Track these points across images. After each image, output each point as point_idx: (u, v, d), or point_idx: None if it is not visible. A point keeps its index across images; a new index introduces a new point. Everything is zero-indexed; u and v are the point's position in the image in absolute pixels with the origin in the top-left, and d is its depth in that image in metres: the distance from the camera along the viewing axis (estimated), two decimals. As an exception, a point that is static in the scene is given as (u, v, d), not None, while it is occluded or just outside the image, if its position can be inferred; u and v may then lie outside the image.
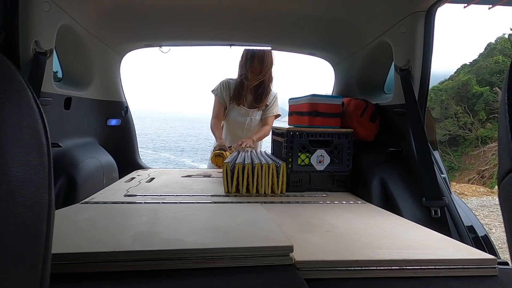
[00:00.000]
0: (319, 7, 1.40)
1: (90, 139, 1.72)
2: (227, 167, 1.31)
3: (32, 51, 1.14)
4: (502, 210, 0.33)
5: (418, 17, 1.19)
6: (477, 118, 14.72)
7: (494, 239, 2.50)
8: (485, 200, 7.67)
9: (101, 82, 1.77)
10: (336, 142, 1.42)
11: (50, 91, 1.28)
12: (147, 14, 1.48)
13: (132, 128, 2.10)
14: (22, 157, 0.30)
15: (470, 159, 14.16)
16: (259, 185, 1.32)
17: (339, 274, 0.66)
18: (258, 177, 1.32)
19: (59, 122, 1.41)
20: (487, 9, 6.34)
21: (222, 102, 2.15)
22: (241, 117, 2.15)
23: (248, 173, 1.31)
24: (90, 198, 1.17)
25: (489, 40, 18.98)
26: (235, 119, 2.16)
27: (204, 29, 1.67)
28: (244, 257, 0.67)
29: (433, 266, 0.68)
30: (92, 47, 1.61)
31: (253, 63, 2.01)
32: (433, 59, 1.21)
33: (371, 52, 1.59)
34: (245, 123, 2.16)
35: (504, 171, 0.32)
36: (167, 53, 1.94)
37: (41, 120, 0.33)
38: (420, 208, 1.13)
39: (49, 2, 1.17)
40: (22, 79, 0.32)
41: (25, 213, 0.29)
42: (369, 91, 1.71)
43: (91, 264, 0.62)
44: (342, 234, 0.85)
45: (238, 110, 2.14)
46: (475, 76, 15.72)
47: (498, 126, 0.33)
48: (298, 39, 1.82)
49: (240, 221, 0.88)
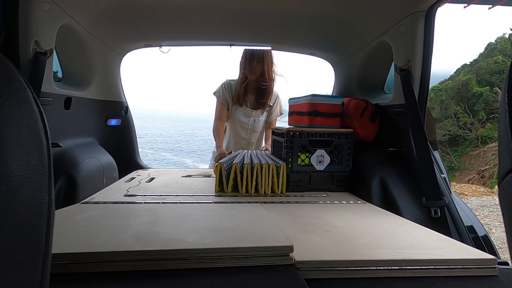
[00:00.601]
0: (319, 7, 1.40)
1: (90, 139, 1.72)
2: (221, 167, 1.31)
3: (32, 51, 1.14)
4: (502, 210, 0.33)
5: (418, 17, 1.19)
6: (477, 118, 14.71)
7: (494, 239, 2.50)
8: (485, 200, 7.66)
9: (101, 82, 1.77)
10: (336, 142, 1.42)
11: (50, 91, 1.28)
12: (147, 14, 1.48)
13: (132, 128, 2.10)
14: (22, 157, 0.30)
15: (470, 159, 14.15)
16: (259, 185, 1.32)
17: (339, 274, 0.66)
18: (258, 177, 1.32)
19: (59, 122, 1.41)
20: (487, 9, 6.34)
21: (224, 103, 2.13)
22: (244, 118, 2.14)
23: (247, 173, 1.31)
24: (90, 198, 1.17)
25: (489, 40, 19.00)
26: (238, 120, 2.15)
27: (204, 29, 1.67)
28: (244, 257, 0.67)
29: (433, 266, 0.68)
30: (92, 47, 1.61)
31: (253, 63, 2.01)
32: (433, 59, 1.21)
33: (371, 52, 1.59)
34: (248, 124, 2.15)
35: (504, 171, 0.32)
36: (167, 53, 1.94)
37: (41, 120, 0.33)
38: (420, 208, 1.13)
39: (49, 2, 1.17)
40: (22, 79, 0.32)
41: (25, 213, 0.29)
42: (369, 91, 1.71)
43: (91, 264, 0.62)
44: (342, 234, 0.85)
45: (241, 111, 2.13)
46: (475, 76, 15.71)
47: (498, 126, 0.33)
48: (298, 39, 1.82)
49: (240, 221, 0.88)
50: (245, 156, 1.52)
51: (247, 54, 2.03)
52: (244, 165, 1.31)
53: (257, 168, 1.31)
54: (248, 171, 1.31)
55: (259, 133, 2.21)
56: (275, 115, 2.21)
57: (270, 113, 2.19)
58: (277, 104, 2.21)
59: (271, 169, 1.33)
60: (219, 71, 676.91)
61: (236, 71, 2.14)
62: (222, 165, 1.32)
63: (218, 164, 1.32)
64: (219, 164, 1.32)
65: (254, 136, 2.18)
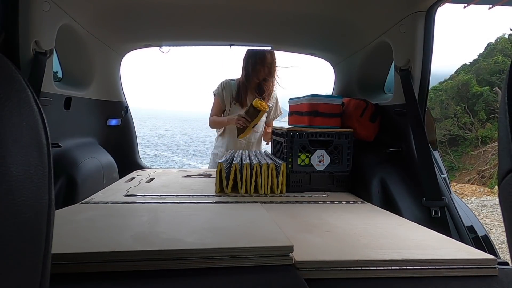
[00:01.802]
0: (319, 7, 1.40)
1: (90, 139, 1.72)
2: (221, 167, 1.31)
3: (32, 51, 1.14)
4: (502, 210, 0.34)
5: (418, 17, 1.19)
6: (477, 118, 14.72)
7: (494, 239, 2.50)
8: (485, 200, 7.67)
9: (101, 82, 1.77)
10: (336, 142, 1.42)
11: (50, 91, 1.28)
12: (147, 14, 1.48)
13: (132, 128, 2.10)
14: (22, 157, 0.30)
15: (470, 159, 14.16)
16: (258, 185, 1.32)
17: (339, 274, 0.66)
18: (257, 177, 1.32)
19: (59, 122, 1.41)
20: (487, 9, 6.34)
21: (222, 102, 2.14)
22: None
23: (247, 173, 1.31)
24: (90, 198, 1.17)
25: (489, 40, 18.99)
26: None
27: (204, 29, 1.67)
28: (244, 257, 0.67)
29: (433, 266, 0.68)
30: (92, 47, 1.61)
31: (256, 63, 2.00)
32: (433, 59, 1.21)
33: (371, 52, 1.59)
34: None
35: (504, 171, 0.32)
36: (167, 53, 1.94)
37: (41, 120, 0.33)
38: (420, 208, 1.13)
39: (49, 2, 1.17)
40: (22, 79, 0.32)
41: (25, 213, 0.29)
42: (369, 91, 1.71)
43: (91, 264, 0.62)
44: (342, 234, 0.85)
45: (240, 112, 2.11)
46: (475, 76, 15.72)
47: (498, 126, 0.33)
48: (298, 39, 1.82)
49: (240, 221, 0.88)
50: (243, 156, 1.52)
51: (254, 56, 2.01)
52: (244, 165, 1.31)
53: (257, 168, 1.31)
54: (248, 171, 1.31)
55: (259, 133, 2.21)
56: (274, 116, 2.21)
57: (269, 114, 2.18)
58: (276, 104, 2.21)
59: (271, 169, 1.33)
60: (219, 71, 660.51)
61: (235, 71, 2.13)
62: (222, 165, 1.32)
63: (219, 165, 1.32)
64: (219, 164, 1.32)
65: (254, 136, 2.17)
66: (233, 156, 1.59)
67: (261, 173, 1.31)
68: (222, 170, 1.31)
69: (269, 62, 2.02)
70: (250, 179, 1.31)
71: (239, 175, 1.31)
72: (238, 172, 1.31)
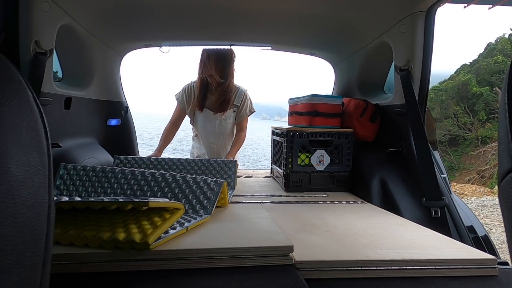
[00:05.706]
0: (320, 7, 1.40)
1: (90, 139, 1.72)
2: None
3: (32, 51, 1.14)
4: (502, 210, 0.34)
5: (418, 17, 1.19)
6: (477, 118, 14.71)
7: (494, 239, 2.50)
8: (485, 200, 7.66)
9: (101, 82, 1.77)
10: (336, 142, 1.42)
11: (50, 91, 1.28)
12: (147, 14, 1.48)
13: (132, 128, 2.10)
14: (22, 157, 0.30)
15: (470, 159, 14.15)
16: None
17: (339, 274, 0.66)
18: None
19: (59, 122, 1.41)
20: (487, 9, 6.34)
21: (182, 108, 1.99)
22: (209, 122, 1.97)
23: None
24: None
25: (489, 40, 18.99)
26: (203, 126, 1.99)
27: (204, 29, 1.67)
28: (244, 257, 0.67)
29: (433, 266, 0.68)
30: (92, 47, 1.61)
31: (215, 62, 1.86)
32: (433, 59, 1.21)
33: (371, 52, 1.59)
34: (214, 127, 1.98)
35: (504, 171, 0.32)
36: (167, 53, 1.94)
37: (41, 120, 0.33)
38: (420, 208, 1.13)
39: (49, 2, 1.17)
40: (22, 79, 0.32)
41: (25, 213, 0.29)
42: (369, 91, 1.71)
43: (91, 264, 0.62)
44: (342, 234, 0.85)
45: (205, 116, 1.97)
46: (475, 76, 15.71)
47: (498, 126, 0.33)
48: (298, 39, 1.82)
49: (240, 221, 0.88)
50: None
51: (209, 53, 1.88)
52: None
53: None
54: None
55: (231, 136, 2.05)
56: (243, 115, 2.01)
57: (238, 113, 2.00)
58: (246, 102, 2.01)
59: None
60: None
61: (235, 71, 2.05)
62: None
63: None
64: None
65: (225, 139, 2.02)
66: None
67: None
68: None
69: (222, 55, 1.87)
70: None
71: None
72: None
